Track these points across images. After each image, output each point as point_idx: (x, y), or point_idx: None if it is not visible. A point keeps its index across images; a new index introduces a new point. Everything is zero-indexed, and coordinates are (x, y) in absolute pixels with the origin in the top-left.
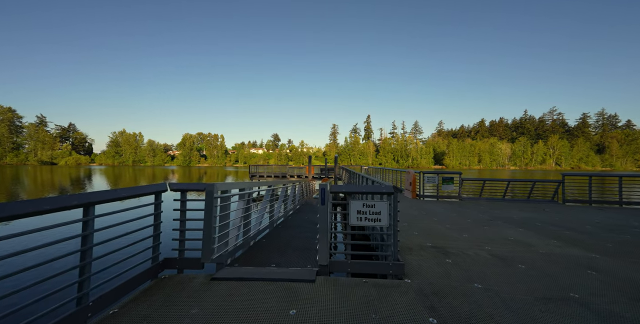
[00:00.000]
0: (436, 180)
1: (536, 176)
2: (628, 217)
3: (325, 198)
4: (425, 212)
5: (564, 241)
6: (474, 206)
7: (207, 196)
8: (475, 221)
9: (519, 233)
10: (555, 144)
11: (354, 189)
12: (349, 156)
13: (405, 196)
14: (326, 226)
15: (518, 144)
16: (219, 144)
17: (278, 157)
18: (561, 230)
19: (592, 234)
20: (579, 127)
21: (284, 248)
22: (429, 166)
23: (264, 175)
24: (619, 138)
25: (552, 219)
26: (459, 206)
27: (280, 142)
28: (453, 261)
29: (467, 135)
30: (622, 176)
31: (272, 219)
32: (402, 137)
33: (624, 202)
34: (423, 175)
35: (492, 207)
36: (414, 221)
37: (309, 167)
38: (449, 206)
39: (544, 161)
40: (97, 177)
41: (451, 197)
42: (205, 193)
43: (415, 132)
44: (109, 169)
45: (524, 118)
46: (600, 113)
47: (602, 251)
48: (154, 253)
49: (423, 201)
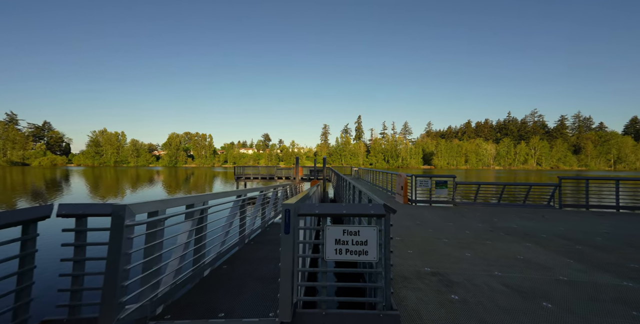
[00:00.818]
0: (429, 184)
1: (520, 176)
2: (632, 225)
3: (290, 224)
4: (419, 221)
5: (583, 261)
6: (470, 213)
7: (114, 225)
8: (475, 233)
9: (528, 250)
10: (536, 144)
11: (331, 209)
12: (340, 156)
13: (396, 201)
14: (290, 266)
15: (502, 144)
16: (207, 144)
17: (268, 158)
18: (571, 244)
19: (609, 250)
20: (557, 129)
21: (246, 279)
22: (418, 166)
23: (250, 177)
24: (593, 139)
25: (556, 229)
26: (454, 212)
27: (270, 142)
28: (461, 298)
29: (454, 136)
30: (619, 180)
31: (243, 235)
32: (393, 137)
33: (620, 207)
34: (415, 179)
35: (489, 214)
36: (408, 234)
37: (297, 168)
38: (443, 213)
39: (526, 161)
40: (58, 179)
41: (444, 202)
42: (111, 219)
43: (405, 132)
44: (87, 170)
45: (507, 120)
46: (577, 115)
47: (634, 277)
48: (18, 316)
49: (415, 207)
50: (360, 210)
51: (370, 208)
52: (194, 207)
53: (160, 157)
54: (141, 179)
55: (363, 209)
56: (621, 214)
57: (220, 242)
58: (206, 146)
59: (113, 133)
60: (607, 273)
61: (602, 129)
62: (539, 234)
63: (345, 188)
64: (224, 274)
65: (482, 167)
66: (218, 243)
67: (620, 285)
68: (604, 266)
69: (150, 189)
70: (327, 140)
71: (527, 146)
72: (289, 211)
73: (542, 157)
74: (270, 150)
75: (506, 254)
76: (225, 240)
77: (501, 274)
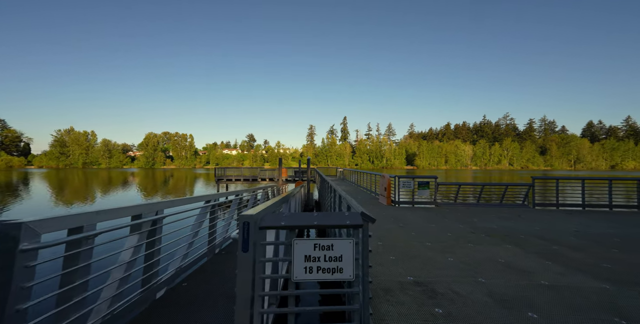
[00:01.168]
0: (411, 185)
1: (494, 175)
2: (598, 223)
3: (249, 240)
4: (402, 223)
5: (560, 263)
6: (451, 214)
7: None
8: (457, 235)
9: (508, 252)
10: (508, 146)
11: (300, 220)
12: (326, 157)
13: (380, 203)
14: (249, 291)
15: (478, 146)
16: (187, 144)
17: (253, 159)
18: (548, 244)
19: (582, 249)
20: (526, 132)
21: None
22: (401, 166)
23: (232, 179)
24: (557, 141)
25: (532, 229)
26: (436, 213)
27: (255, 143)
28: (445, 312)
29: (435, 137)
30: (584, 179)
31: (213, 244)
32: (377, 138)
33: (586, 205)
34: (398, 180)
35: (469, 215)
36: (390, 237)
37: (280, 169)
38: (426, 214)
39: (499, 162)
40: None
41: (427, 203)
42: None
43: (389, 134)
44: (48, 172)
45: (483, 122)
46: (543, 119)
47: (609, 277)
48: None
49: (398, 208)
50: (334, 220)
51: (347, 218)
52: (141, 218)
53: (136, 159)
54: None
55: (338, 219)
56: (587, 212)
57: (181, 255)
58: (187, 146)
59: (82, 132)
60: (584, 275)
61: (564, 132)
62: (517, 234)
63: (327, 191)
64: (185, 294)
65: (460, 168)
66: (179, 257)
67: (599, 288)
68: (580, 267)
69: (109, 195)
70: (313, 141)
71: (501, 147)
72: (248, 224)
73: (513, 157)
74: (255, 151)
75: (488, 257)
76: (189, 252)
77: (485, 281)
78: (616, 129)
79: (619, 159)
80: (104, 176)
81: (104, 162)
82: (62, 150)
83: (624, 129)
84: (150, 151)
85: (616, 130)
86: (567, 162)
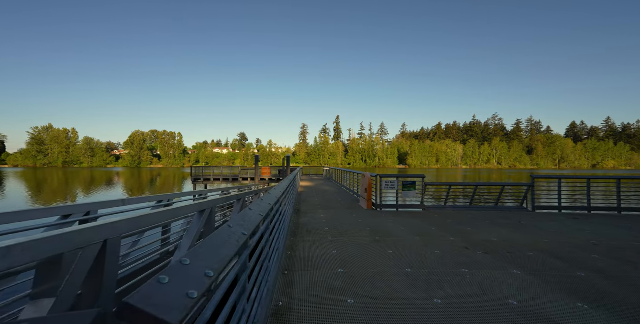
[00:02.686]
0: (396, 185)
1: (483, 175)
2: (615, 231)
3: None
4: (379, 236)
5: (600, 304)
6: (440, 220)
7: None
8: (448, 254)
9: (518, 283)
10: (497, 146)
11: None
12: (318, 156)
13: (360, 206)
14: None
15: (468, 145)
16: (176, 142)
17: (244, 158)
18: (568, 268)
19: (616, 275)
20: (514, 132)
21: None
22: (394, 165)
23: (211, 178)
24: (542, 141)
25: (540, 241)
26: (423, 220)
27: (247, 141)
28: None
29: (427, 137)
30: (590, 179)
31: None
32: (370, 138)
33: (592, 209)
34: (380, 179)
35: (461, 221)
36: (358, 261)
37: (257, 168)
38: (410, 222)
39: (488, 161)
40: None
41: (413, 207)
42: None
43: (382, 133)
44: (23, 172)
45: (472, 122)
46: (529, 119)
47: None
48: None
49: (379, 214)
50: None
51: None
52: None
53: (121, 157)
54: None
55: None
56: (595, 217)
57: None
58: (175, 145)
59: (61, 130)
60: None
61: (549, 132)
62: (524, 251)
63: None
64: None
65: (451, 167)
66: None
67: None
68: (634, 313)
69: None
70: (305, 140)
71: (490, 147)
72: None
73: (502, 157)
74: (246, 150)
75: (492, 295)
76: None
77: None
78: (597, 130)
79: (600, 159)
80: (82, 175)
81: (86, 161)
82: (39, 148)
83: (604, 130)
84: (136, 150)
85: (597, 130)
86: (552, 161)
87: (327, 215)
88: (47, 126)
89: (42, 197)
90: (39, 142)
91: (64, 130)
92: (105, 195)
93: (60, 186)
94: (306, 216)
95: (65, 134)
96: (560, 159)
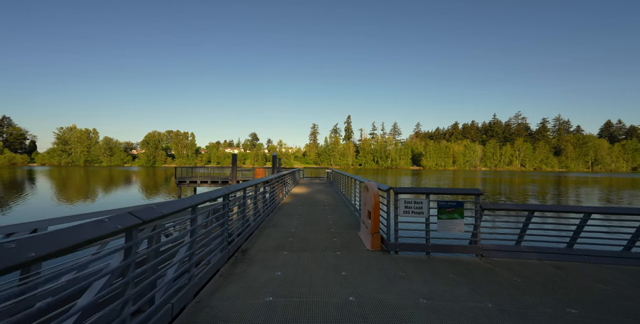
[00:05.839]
0: (425, 208)
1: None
2: None
3: None
4: None
5: None
6: (523, 294)
7: None
8: None
9: None
10: (520, 146)
11: None
12: (329, 157)
13: (361, 242)
14: None
15: (488, 146)
16: (188, 142)
17: (255, 158)
18: None
19: None
20: (539, 131)
21: None
22: (407, 166)
23: (197, 180)
24: (572, 142)
25: None
26: (484, 290)
27: (258, 141)
28: None
29: (442, 137)
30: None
31: None
32: (382, 138)
33: None
34: (395, 196)
35: (561, 288)
36: None
37: (234, 169)
38: (458, 296)
39: (510, 162)
40: None
41: (458, 250)
42: None
43: (394, 133)
44: (49, 170)
45: (492, 121)
46: (557, 118)
47: None
48: None
49: (393, 265)
50: None
51: None
52: None
53: (137, 157)
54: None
55: None
56: None
57: None
58: (188, 144)
59: (83, 130)
60: None
61: (579, 132)
62: None
63: None
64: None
65: (469, 168)
66: None
67: None
68: None
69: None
70: (316, 140)
71: (512, 147)
72: None
73: (525, 158)
74: (257, 150)
75: None
76: None
77: None
78: (637, 129)
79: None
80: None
81: (105, 160)
82: (63, 148)
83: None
84: (151, 149)
85: (637, 130)
86: (584, 163)
87: (291, 270)
88: (71, 127)
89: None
90: (63, 142)
91: (86, 130)
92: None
93: (83, 184)
94: (252, 265)
95: (86, 134)
96: (593, 161)
